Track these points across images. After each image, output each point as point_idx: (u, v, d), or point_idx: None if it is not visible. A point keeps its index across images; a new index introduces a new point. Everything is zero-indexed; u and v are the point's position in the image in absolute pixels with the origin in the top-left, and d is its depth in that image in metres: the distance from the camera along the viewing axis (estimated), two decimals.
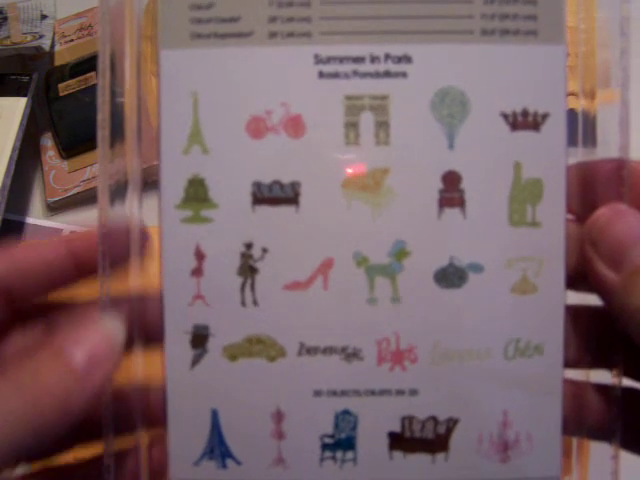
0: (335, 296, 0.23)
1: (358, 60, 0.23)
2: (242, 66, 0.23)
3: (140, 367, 0.24)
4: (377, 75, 0.23)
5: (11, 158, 0.50)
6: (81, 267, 0.24)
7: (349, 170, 0.23)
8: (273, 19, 0.23)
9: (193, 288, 0.23)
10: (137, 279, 0.23)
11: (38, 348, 0.21)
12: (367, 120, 0.23)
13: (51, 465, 0.25)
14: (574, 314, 0.24)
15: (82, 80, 0.54)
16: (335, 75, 0.23)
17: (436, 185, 0.23)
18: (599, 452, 0.24)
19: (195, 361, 0.23)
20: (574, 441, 0.24)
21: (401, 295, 0.23)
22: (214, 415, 0.23)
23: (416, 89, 0.23)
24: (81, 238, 0.24)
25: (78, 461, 0.25)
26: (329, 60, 0.23)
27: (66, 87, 0.55)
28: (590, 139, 0.24)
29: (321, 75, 0.23)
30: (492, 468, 0.23)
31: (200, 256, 0.23)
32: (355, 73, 0.23)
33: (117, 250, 0.23)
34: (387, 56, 0.23)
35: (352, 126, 0.23)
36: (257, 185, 0.23)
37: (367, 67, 0.23)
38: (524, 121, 0.23)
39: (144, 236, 0.24)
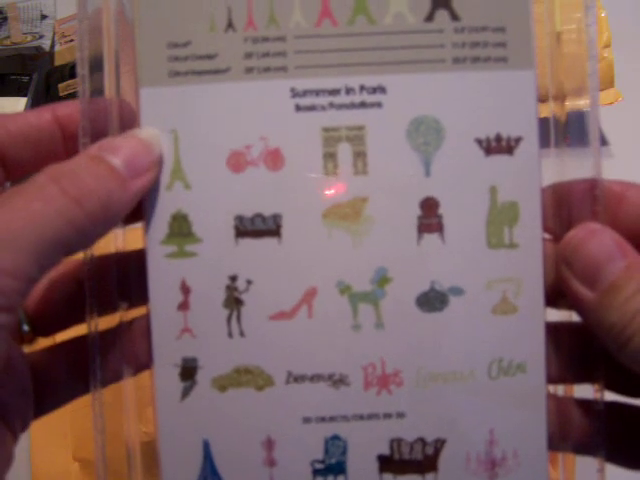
0: (320, 324, 0.23)
1: (334, 92, 0.23)
2: (220, 102, 0.23)
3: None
4: (353, 106, 0.23)
5: None
6: (67, 133, 0.24)
7: (329, 200, 0.23)
8: (249, 55, 0.23)
9: (180, 322, 0.23)
10: None
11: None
12: (345, 151, 0.23)
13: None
14: (555, 331, 0.24)
15: None
16: (312, 108, 0.23)
17: (414, 212, 0.23)
18: (585, 466, 0.24)
19: (185, 393, 0.24)
20: (560, 456, 0.25)
21: (384, 321, 0.23)
22: (205, 446, 0.24)
23: (391, 119, 0.23)
24: (64, 105, 0.24)
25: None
26: (305, 93, 0.23)
27: (66, 87, 0.55)
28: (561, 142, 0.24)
29: (298, 108, 0.23)
30: None
31: (186, 290, 0.23)
32: (331, 105, 0.23)
33: (98, 121, 0.23)
34: (362, 87, 0.23)
35: (330, 157, 0.23)
36: (239, 218, 0.23)
37: (343, 99, 0.23)
38: (498, 146, 0.23)
39: (125, 108, 0.24)
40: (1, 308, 0.19)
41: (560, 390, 0.25)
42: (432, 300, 0.23)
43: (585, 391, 0.25)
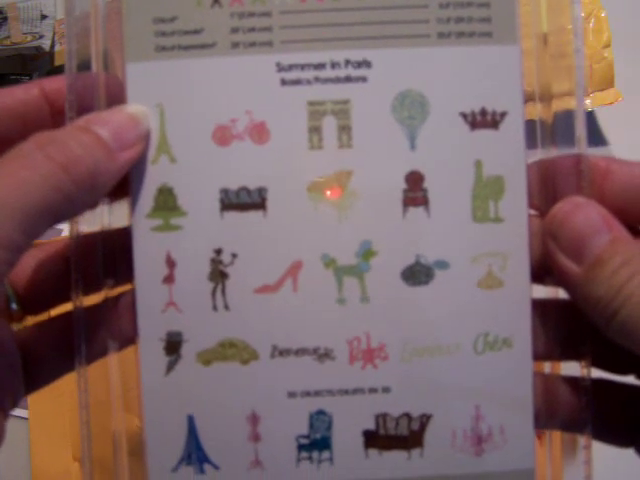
0: (305, 298, 0.23)
1: (319, 67, 0.23)
2: (206, 76, 0.23)
3: None
4: (338, 80, 0.23)
5: None
6: (55, 108, 0.24)
7: (314, 174, 0.23)
8: (235, 30, 0.23)
9: (165, 295, 0.23)
10: None
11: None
12: (330, 124, 0.23)
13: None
14: (542, 307, 0.24)
15: None
16: (297, 82, 0.23)
17: (399, 185, 0.23)
18: (572, 443, 0.24)
19: (170, 367, 0.24)
20: (547, 433, 0.25)
21: (369, 294, 0.23)
22: (190, 420, 0.24)
23: (376, 93, 0.23)
24: (51, 80, 0.24)
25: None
26: (291, 68, 0.23)
27: None
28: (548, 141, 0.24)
29: (283, 82, 0.23)
30: (467, 462, 0.24)
31: (171, 263, 0.23)
32: (317, 79, 0.23)
33: (85, 95, 0.23)
34: (347, 62, 0.23)
35: (315, 131, 0.23)
36: (224, 192, 0.23)
37: (328, 73, 0.23)
38: (483, 120, 0.23)
39: (112, 82, 0.24)
40: None
41: (547, 368, 0.25)
42: (417, 274, 0.23)
43: (572, 369, 0.25)
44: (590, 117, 0.56)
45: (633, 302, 0.21)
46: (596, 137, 0.56)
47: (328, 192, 0.23)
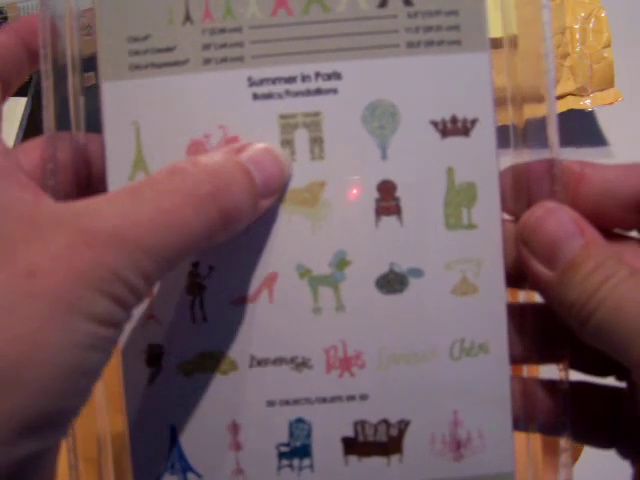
0: (281, 308, 0.24)
1: (290, 80, 0.24)
2: (180, 93, 0.24)
3: None
4: (309, 93, 0.24)
5: None
6: (31, 51, 0.24)
7: (287, 186, 0.24)
8: (207, 46, 0.24)
9: (145, 308, 0.24)
10: None
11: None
12: (302, 137, 0.24)
13: None
14: (518, 311, 0.24)
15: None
16: (269, 96, 0.24)
17: (372, 195, 0.24)
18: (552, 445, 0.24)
19: (151, 379, 0.24)
20: (527, 436, 0.25)
21: (345, 303, 0.24)
22: (172, 430, 0.24)
23: (347, 104, 0.24)
24: (26, 21, 0.24)
25: None
26: (262, 82, 0.24)
27: None
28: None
29: (255, 97, 0.24)
30: (446, 467, 0.24)
31: None
32: (288, 92, 0.24)
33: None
34: (317, 74, 0.24)
35: (287, 143, 0.24)
36: None
37: (299, 86, 0.24)
38: (454, 127, 0.24)
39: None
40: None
41: (525, 371, 0.25)
42: (391, 282, 0.24)
43: (550, 373, 0.25)
44: (590, 117, 0.56)
45: (607, 305, 0.21)
46: (596, 137, 0.56)
47: (302, 203, 0.24)
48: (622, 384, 0.25)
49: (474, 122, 0.24)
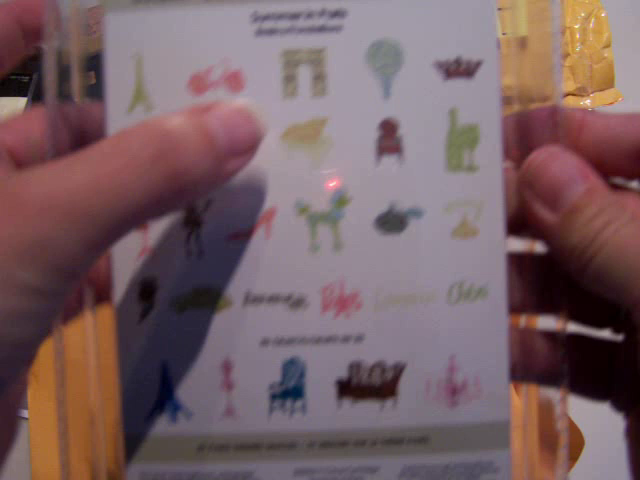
0: (278, 245, 0.23)
1: (294, 17, 0.23)
2: (183, 26, 0.24)
3: None
4: (313, 30, 0.23)
5: None
6: (26, 29, 0.23)
7: (288, 121, 0.23)
8: None
9: (140, 241, 0.24)
10: None
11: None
12: (304, 73, 0.23)
13: None
14: (518, 260, 0.24)
15: None
16: (272, 31, 0.23)
17: (373, 133, 0.23)
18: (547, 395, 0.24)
19: (144, 314, 0.24)
20: (524, 387, 0.25)
21: (343, 242, 0.23)
22: (164, 368, 0.24)
23: (351, 42, 0.23)
24: (21, 1, 0.23)
25: None
26: (266, 18, 0.24)
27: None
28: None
29: (259, 32, 0.24)
30: (441, 413, 0.24)
31: None
32: (292, 29, 0.23)
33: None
34: (322, 11, 0.23)
35: (290, 79, 0.23)
36: None
37: (303, 23, 0.23)
38: (457, 69, 0.23)
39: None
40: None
41: (523, 322, 0.25)
42: (391, 221, 0.23)
43: (548, 324, 0.24)
44: None
45: (608, 249, 0.21)
46: None
47: (302, 139, 0.23)
48: (618, 337, 0.25)
49: (478, 64, 0.23)
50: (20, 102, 0.57)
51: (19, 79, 0.58)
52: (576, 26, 0.63)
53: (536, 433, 0.24)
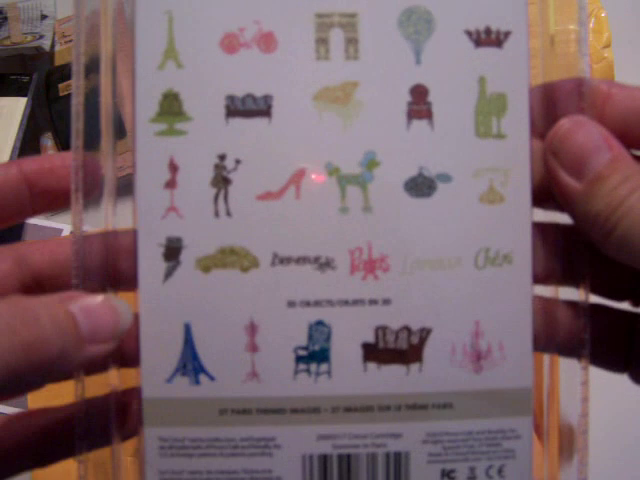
0: (307, 206, 0.23)
1: None
2: None
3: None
4: None
5: (11, 158, 0.50)
6: (34, 190, 0.23)
7: (320, 83, 0.23)
8: None
9: (167, 200, 0.23)
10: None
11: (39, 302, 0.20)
12: (337, 36, 0.24)
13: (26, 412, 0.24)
14: (542, 230, 0.24)
15: None
16: None
17: (404, 98, 0.24)
18: (570, 365, 0.24)
19: (168, 274, 0.23)
20: (545, 357, 0.25)
21: (372, 204, 0.23)
22: (187, 329, 0.23)
23: (383, 7, 0.24)
24: (31, 160, 0.24)
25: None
26: None
27: (66, 87, 0.55)
28: None
29: None
30: (466, 378, 0.24)
31: (174, 168, 0.23)
32: None
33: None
34: None
35: (322, 42, 0.24)
36: (230, 98, 0.23)
37: None
38: (487, 38, 0.24)
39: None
40: None
41: (546, 292, 0.25)
42: (420, 185, 0.23)
43: (570, 296, 0.25)
44: None
45: (632, 216, 0.21)
46: None
47: (334, 101, 0.23)
48: (638, 309, 0.25)
49: (507, 34, 0.24)
50: (20, 102, 0.56)
51: (19, 79, 0.58)
52: None
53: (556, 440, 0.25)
